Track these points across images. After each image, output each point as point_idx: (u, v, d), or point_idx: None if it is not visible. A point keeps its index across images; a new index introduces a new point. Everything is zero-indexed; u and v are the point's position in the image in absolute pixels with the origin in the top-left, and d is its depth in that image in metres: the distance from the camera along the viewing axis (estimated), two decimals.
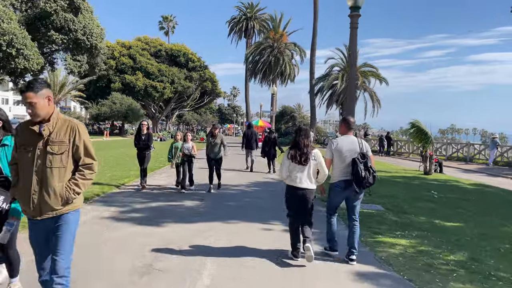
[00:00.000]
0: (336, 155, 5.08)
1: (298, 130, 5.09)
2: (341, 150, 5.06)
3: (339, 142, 5.14)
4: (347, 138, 5.19)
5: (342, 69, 38.42)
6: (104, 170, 13.16)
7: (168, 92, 49.75)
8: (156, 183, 10.99)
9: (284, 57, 46.26)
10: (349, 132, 5.28)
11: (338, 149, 5.08)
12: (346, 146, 5.08)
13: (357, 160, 4.93)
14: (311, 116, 40.74)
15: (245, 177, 13.32)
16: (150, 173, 12.57)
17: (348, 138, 5.19)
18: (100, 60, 24.42)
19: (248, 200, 9.17)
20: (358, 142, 5.12)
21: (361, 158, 4.95)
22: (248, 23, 56.24)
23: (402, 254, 5.52)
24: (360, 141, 5.16)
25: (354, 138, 5.21)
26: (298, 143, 4.94)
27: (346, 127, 5.30)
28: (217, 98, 72.14)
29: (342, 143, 5.12)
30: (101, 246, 5.41)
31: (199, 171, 12.20)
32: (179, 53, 53.40)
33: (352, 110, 8.33)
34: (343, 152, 5.05)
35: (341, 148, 5.07)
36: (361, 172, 4.87)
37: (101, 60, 25.12)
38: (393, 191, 11.37)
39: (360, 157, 4.96)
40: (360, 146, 5.07)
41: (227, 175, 13.28)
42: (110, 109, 41.67)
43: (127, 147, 25.33)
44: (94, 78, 43.14)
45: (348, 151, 5.04)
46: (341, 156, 5.05)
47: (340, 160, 5.05)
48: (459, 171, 19.06)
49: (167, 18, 69.86)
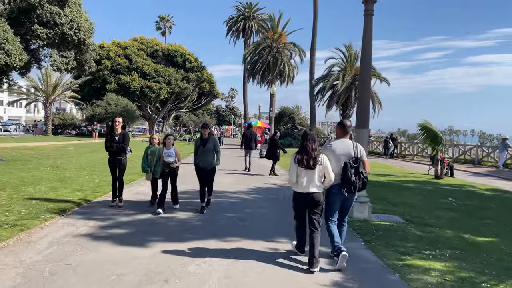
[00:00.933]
0: (330, 158, 5.01)
1: (305, 134, 5.04)
2: (335, 153, 5.04)
3: (333, 146, 5.12)
4: (342, 142, 5.16)
5: (343, 69, 37.43)
6: (93, 175, 12.11)
7: (165, 93, 48.64)
8: (146, 190, 9.96)
9: (283, 57, 45.32)
10: (345, 136, 5.23)
11: (332, 152, 5.06)
12: (340, 150, 5.05)
13: (348, 164, 4.90)
14: (310, 118, 39.74)
15: (244, 182, 12.27)
16: (138, 180, 11.51)
17: (343, 142, 5.16)
18: (89, 57, 23.07)
19: (249, 211, 8.07)
20: (353, 146, 5.08)
21: (353, 163, 4.93)
22: (246, 23, 55.32)
23: (441, 284, 4.48)
24: (355, 145, 5.12)
25: (349, 141, 5.17)
26: (306, 148, 4.88)
27: (342, 130, 5.25)
28: (215, 99, 71.07)
29: (336, 146, 5.10)
30: (69, 273, 4.35)
31: (188, 174, 11.20)
32: (176, 54, 52.33)
33: (366, 111, 7.29)
34: (337, 155, 5.02)
35: (335, 151, 5.05)
36: (351, 176, 4.86)
37: (90, 57, 23.74)
38: (407, 198, 10.38)
39: (352, 162, 4.93)
40: (355, 150, 5.03)
41: (225, 180, 12.24)
42: (105, 110, 40.49)
43: None
44: (86, 77, 42.03)
45: (342, 155, 5.01)
46: (336, 159, 5.01)
47: (335, 164, 5.00)
48: (469, 174, 18.06)
49: (164, 18, 68.72)
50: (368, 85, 7.23)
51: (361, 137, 7.22)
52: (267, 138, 24.09)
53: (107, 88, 45.69)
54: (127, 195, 8.80)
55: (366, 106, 7.19)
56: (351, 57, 37.32)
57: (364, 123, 7.19)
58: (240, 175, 13.90)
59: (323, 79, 39.32)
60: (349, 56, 37.35)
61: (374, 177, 14.29)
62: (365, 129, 7.21)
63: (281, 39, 45.74)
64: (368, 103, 7.10)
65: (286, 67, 45.51)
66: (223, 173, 13.72)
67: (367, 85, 7.23)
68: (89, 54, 22.89)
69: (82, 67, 23.35)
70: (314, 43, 38.56)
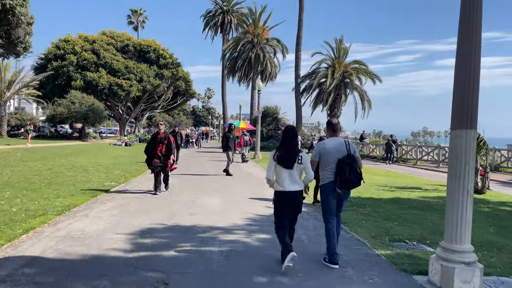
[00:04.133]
0: (323, 156, 5.02)
1: (286, 130, 4.94)
2: (329, 152, 5.00)
3: (326, 144, 5.10)
4: (334, 139, 5.15)
5: (331, 66, 34.58)
6: (15, 198, 8.54)
7: (135, 90, 44.62)
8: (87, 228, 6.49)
9: (265, 54, 42.24)
10: (336, 133, 5.23)
11: (325, 150, 5.02)
12: (333, 147, 5.00)
13: (343, 160, 4.87)
14: (296, 118, 36.74)
15: (237, 203, 8.89)
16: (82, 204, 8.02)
17: (335, 139, 5.15)
18: (23, 33, 18.75)
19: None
20: (345, 143, 5.07)
21: (347, 159, 4.88)
22: (225, 17, 51.92)
23: None
24: (347, 143, 5.10)
25: (341, 139, 5.19)
26: (285, 144, 4.77)
27: (331, 129, 5.24)
28: (191, 99, 67.23)
29: (329, 144, 5.07)
30: None
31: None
32: (149, 49, 48.40)
33: (473, 100, 4.15)
34: (330, 153, 4.98)
35: (329, 149, 5.01)
36: (346, 173, 4.81)
37: (25, 34, 19.40)
38: (480, 230, 7.08)
39: (346, 158, 4.88)
40: (347, 148, 5.00)
41: (209, 201, 8.86)
42: (67, 110, 36.20)
43: (79, 154, 20.42)
44: (46, 73, 37.70)
45: (336, 153, 4.96)
46: (329, 157, 4.97)
47: (328, 162, 4.97)
48: (498, 184, 15.21)
49: (136, 12, 64.10)
50: (476, 59, 4.03)
51: (460, 143, 4.06)
52: (246, 140, 21.43)
53: (73, 86, 41.35)
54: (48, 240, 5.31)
55: (473, 93, 4.02)
56: (340, 52, 34.53)
57: (466, 121, 4.02)
58: (228, 184, 10.56)
59: (309, 77, 36.44)
60: (338, 51, 34.56)
61: (403, 193, 11.26)
62: (470, 130, 4.03)
63: (263, 34, 42.67)
64: (477, 87, 3.97)
65: (269, 65, 42.43)
66: (205, 188, 10.39)
67: (475, 60, 4.04)
68: (23, 29, 18.07)
69: (15, 47, 18.39)
70: (300, 37, 35.60)
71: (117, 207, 7.75)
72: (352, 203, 8.76)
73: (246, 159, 20.94)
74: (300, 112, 35.91)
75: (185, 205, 8.22)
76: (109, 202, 8.25)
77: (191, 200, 8.82)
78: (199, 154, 26.01)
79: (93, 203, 8.07)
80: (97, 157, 19.69)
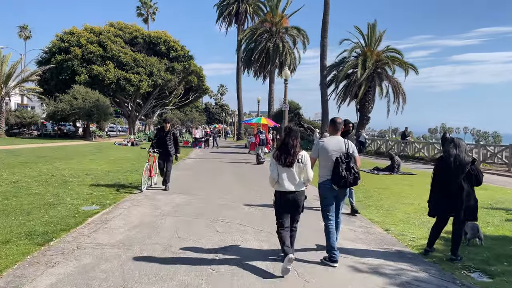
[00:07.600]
0: (322, 154, 5.04)
1: (289, 130, 4.81)
2: (327, 150, 5.01)
3: (325, 142, 5.12)
4: (333, 138, 5.17)
5: (361, 54, 30.62)
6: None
7: (145, 85, 41.22)
8: None
9: (284, 44, 38.45)
10: (337, 133, 5.23)
11: (324, 148, 5.04)
12: (332, 145, 5.03)
13: (339, 159, 4.90)
14: (322, 114, 32.84)
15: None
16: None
17: (334, 138, 5.16)
18: None
19: None
20: (344, 142, 5.08)
21: (344, 158, 4.91)
22: (239, 5, 48.25)
23: None
24: (347, 142, 5.10)
25: (340, 138, 5.17)
26: (286, 144, 4.68)
27: (333, 128, 5.26)
28: (204, 95, 63.59)
29: (328, 142, 5.09)
30: None
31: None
32: (159, 41, 44.97)
33: None
34: (329, 152, 4.99)
35: (327, 147, 5.02)
36: (342, 171, 4.84)
37: None
38: None
39: (343, 157, 4.91)
40: (346, 146, 5.02)
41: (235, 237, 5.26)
42: (70, 106, 32.97)
43: (72, 157, 16.96)
44: (47, 66, 34.58)
45: (334, 151, 4.98)
46: (327, 155, 4.99)
47: (326, 160, 4.99)
48: None
49: (146, 3, 60.92)
50: None
51: None
52: (262, 139, 19.17)
53: (77, 81, 38.16)
54: None
55: None
56: (372, 39, 30.52)
57: None
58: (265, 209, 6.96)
59: (336, 67, 32.53)
60: (370, 38, 30.57)
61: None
62: None
63: (281, 23, 38.93)
64: None
65: (288, 56, 38.59)
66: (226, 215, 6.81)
67: None
68: None
69: None
70: (326, 22, 31.67)
71: (71, 281, 4.09)
72: (486, 257, 5.02)
73: (262, 160, 18.35)
74: (327, 107, 32.03)
75: None
76: (62, 265, 4.49)
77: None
78: (214, 156, 22.38)
79: (25, 268, 4.33)
80: (92, 161, 16.23)
